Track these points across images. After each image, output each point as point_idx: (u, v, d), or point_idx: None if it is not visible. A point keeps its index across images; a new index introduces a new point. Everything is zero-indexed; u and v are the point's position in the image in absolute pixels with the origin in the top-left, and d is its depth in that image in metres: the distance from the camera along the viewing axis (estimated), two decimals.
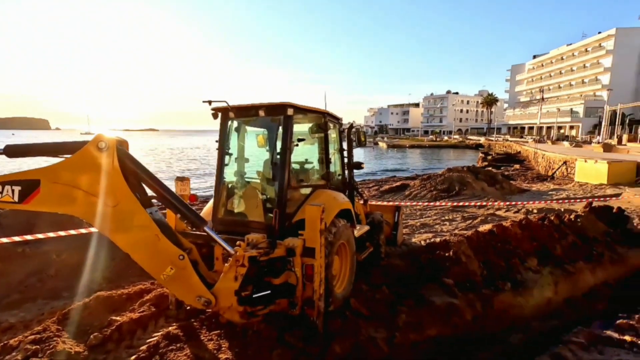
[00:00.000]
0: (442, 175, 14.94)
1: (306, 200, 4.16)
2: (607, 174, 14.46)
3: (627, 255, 6.67)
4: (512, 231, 6.25)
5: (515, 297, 5.01)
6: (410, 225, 9.29)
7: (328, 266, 3.83)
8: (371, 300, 4.56)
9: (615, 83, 57.51)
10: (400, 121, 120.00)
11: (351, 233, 4.57)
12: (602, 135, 39.60)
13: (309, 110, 4.34)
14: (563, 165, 19.46)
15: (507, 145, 45.16)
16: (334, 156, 5.06)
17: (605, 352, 3.55)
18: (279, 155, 4.03)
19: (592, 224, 7.21)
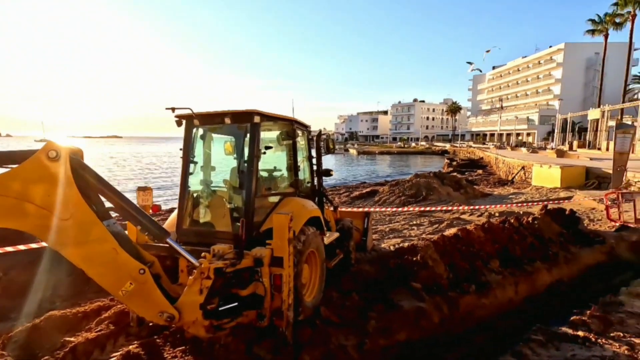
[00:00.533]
0: (410, 181, 15.33)
1: (274, 209, 4.11)
2: (560, 178, 15.45)
3: (579, 255, 7.12)
4: (475, 234, 6.49)
5: (479, 299, 5.19)
6: (380, 230, 9.43)
7: (297, 275, 3.79)
8: (341, 307, 4.56)
9: (565, 93, 61.98)
10: (370, 128, 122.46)
11: (321, 241, 4.56)
12: (555, 141, 42.36)
13: (276, 117, 4.32)
14: (521, 170, 20.59)
15: (471, 151, 47.23)
16: (303, 164, 5.06)
17: (561, 347, 3.75)
18: (246, 163, 3.97)
19: (547, 226, 7.65)
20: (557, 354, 3.64)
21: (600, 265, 7.20)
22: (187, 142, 4.23)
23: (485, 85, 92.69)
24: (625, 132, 12.83)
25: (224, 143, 4.79)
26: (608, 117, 33.80)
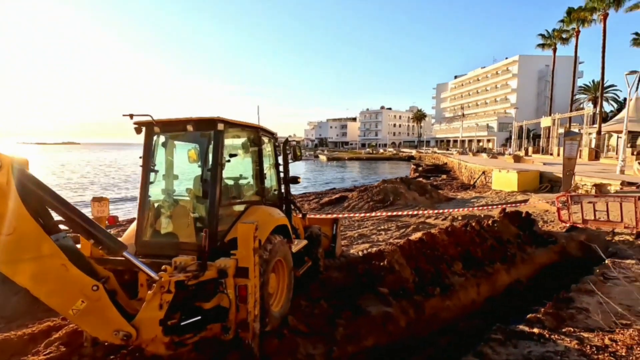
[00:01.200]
0: (378, 186, 15.63)
1: (240, 218, 4.03)
2: (517, 182, 16.37)
3: (534, 255, 7.54)
4: (439, 238, 6.71)
5: (443, 301, 5.35)
6: (349, 236, 9.51)
7: (264, 285, 3.73)
8: (310, 315, 4.53)
9: (521, 102, 66.00)
10: (339, 134, 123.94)
11: (288, 249, 4.52)
12: (513, 147, 44.93)
13: (241, 124, 4.26)
14: (482, 175, 21.61)
15: (436, 157, 48.99)
16: (269, 171, 5.01)
17: (519, 345, 3.92)
18: (210, 172, 3.87)
19: (506, 228, 8.06)
20: (515, 351, 3.80)
21: (553, 264, 7.66)
22: (147, 150, 4.07)
23: (448, 93, 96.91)
24: (573, 139, 13.84)
25: (188, 151, 4.66)
26: (558, 124, 36.36)
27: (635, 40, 45.42)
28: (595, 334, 3.95)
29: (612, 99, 55.94)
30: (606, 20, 34.48)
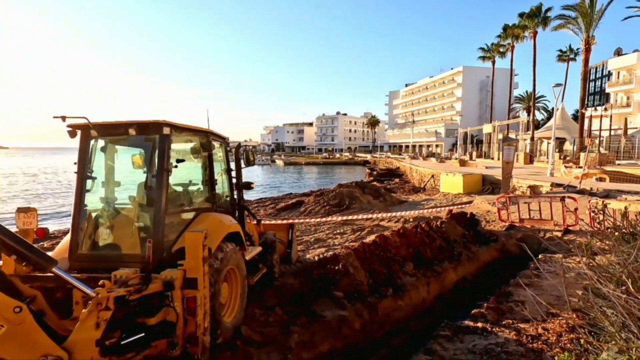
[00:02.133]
0: (334, 191, 15.81)
1: (189, 226, 3.85)
2: (462, 185, 17.44)
3: (478, 253, 8.04)
4: (392, 240, 6.91)
5: (396, 301, 5.50)
6: (305, 241, 9.49)
7: (215, 295, 3.58)
8: (264, 324, 4.43)
9: (465, 110, 70.76)
10: (296, 139, 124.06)
11: (241, 257, 4.39)
12: (458, 152, 47.89)
13: (189, 129, 4.08)
14: (431, 178, 22.74)
15: (389, 161, 50.73)
16: (221, 177, 4.86)
17: (465, 340, 4.14)
18: (155, 178, 3.65)
19: (452, 228, 8.51)
20: (461, 346, 4.00)
21: (495, 260, 8.23)
22: (83, 155, 3.76)
23: (399, 100, 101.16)
24: (510, 145, 15.05)
25: (132, 156, 4.37)
26: (498, 131, 39.37)
27: (559, 56, 50.71)
28: (530, 324, 4.28)
29: (542, 108, 61.88)
30: (536, 37, 38.14)
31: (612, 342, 1.44)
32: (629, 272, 1.53)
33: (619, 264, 1.68)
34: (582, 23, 29.05)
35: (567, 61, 48.58)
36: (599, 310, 1.61)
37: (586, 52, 29.38)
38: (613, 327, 1.45)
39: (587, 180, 15.22)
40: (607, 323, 1.50)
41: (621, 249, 1.73)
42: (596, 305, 1.62)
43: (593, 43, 29.22)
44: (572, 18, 29.84)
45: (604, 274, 1.71)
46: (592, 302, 1.64)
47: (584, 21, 28.91)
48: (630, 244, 1.68)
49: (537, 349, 3.83)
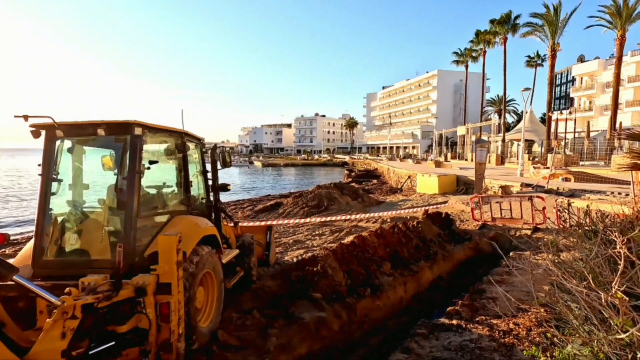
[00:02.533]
0: (312, 192, 15.82)
1: (163, 230, 3.74)
2: (438, 185, 17.86)
3: (453, 252, 8.25)
4: (370, 240, 6.98)
5: (374, 301, 5.55)
6: (284, 243, 9.44)
7: (190, 300, 3.49)
8: (241, 327, 4.37)
9: (440, 112, 72.68)
10: (275, 141, 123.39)
11: (217, 260, 4.31)
12: (434, 154, 49.08)
13: (162, 129, 3.97)
14: (408, 179, 23.17)
15: (367, 163, 51.28)
16: (196, 179, 4.75)
17: (440, 337, 4.22)
18: (127, 180, 3.52)
19: (428, 228, 8.70)
20: (437, 343, 4.08)
21: (469, 259, 8.46)
22: (48, 157, 3.58)
23: (377, 103, 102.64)
24: (482, 146, 15.55)
25: (102, 157, 4.20)
26: (471, 133, 40.61)
27: (528, 62, 52.97)
28: (502, 320, 4.42)
29: (513, 111, 64.33)
30: (506, 43, 39.69)
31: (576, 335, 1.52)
32: (590, 268, 1.61)
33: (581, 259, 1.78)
34: (548, 31, 30.49)
35: (535, 67, 50.84)
36: (564, 304, 1.68)
37: (552, 58, 30.85)
38: (577, 321, 1.53)
39: (554, 180, 15.95)
40: (572, 317, 1.58)
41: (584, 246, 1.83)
42: (561, 300, 1.70)
43: (558, 50, 30.71)
44: (539, 26, 31.25)
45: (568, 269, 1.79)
46: (558, 297, 1.72)
47: (549, 29, 30.34)
48: (592, 241, 1.78)
49: (509, 343, 3.97)
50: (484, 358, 3.75)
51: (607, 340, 1.33)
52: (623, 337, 1.25)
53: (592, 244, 1.76)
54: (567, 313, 1.65)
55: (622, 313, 1.32)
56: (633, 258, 1.44)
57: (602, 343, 1.34)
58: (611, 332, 1.32)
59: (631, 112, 36.74)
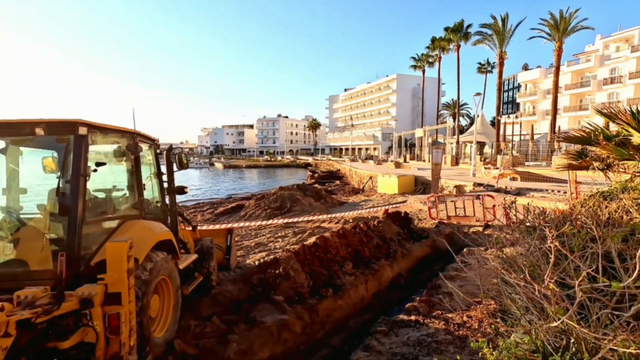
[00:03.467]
0: (275, 194, 15.68)
1: (112, 236, 3.51)
2: (397, 185, 18.44)
3: (412, 249, 8.54)
4: (332, 241, 7.04)
5: (336, 301, 5.60)
6: (246, 246, 9.26)
7: (143, 310, 3.31)
8: (200, 335, 4.22)
9: (399, 115, 75.21)
10: (236, 142, 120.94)
11: (174, 266, 4.13)
12: (394, 155, 50.63)
13: (111, 129, 3.74)
14: (369, 180, 23.69)
15: (330, 164, 51.77)
16: (150, 181, 4.53)
17: (400, 333, 4.36)
18: (70, 184, 3.27)
19: (388, 227, 8.94)
20: (396, 339, 4.20)
21: (427, 256, 8.80)
22: None
23: (339, 104, 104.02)
24: (438, 148, 16.29)
25: (43, 159, 3.87)
26: (428, 135, 42.37)
27: (479, 68, 56.25)
28: (457, 313, 4.65)
29: (466, 114, 68.03)
30: (459, 50, 41.91)
31: (519, 325, 1.63)
32: (530, 262, 1.75)
33: (522, 254, 1.92)
34: (496, 40, 32.64)
35: (485, 73, 54.14)
36: (508, 297, 1.80)
37: (500, 65, 33.05)
38: (519, 312, 1.64)
39: (503, 179, 17.06)
40: (514, 308, 1.70)
41: (524, 241, 1.98)
42: (505, 293, 1.82)
43: (505, 58, 32.97)
44: (488, 35, 33.37)
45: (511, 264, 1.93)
46: (502, 290, 1.84)
47: (497, 38, 32.49)
48: (532, 236, 1.93)
49: (463, 335, 4.17)
50: (440, 351, 3.91)
51: (543, 329, 1.44)
52: (555, 324, 1.36)
53: (531, 239, 1.91)
54: (510, 305, 1.77)
55: (554, 302, 1.44)
56: (564, 251, 1.58)
57: (539, 331, 1.45)
58: (546, 321, 1.44)
59: (568, 117, 40.22)
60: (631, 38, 37.12)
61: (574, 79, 41.96)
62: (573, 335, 1.40)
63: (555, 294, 1.43)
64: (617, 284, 1.40)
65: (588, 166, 5.09)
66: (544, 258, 1.73)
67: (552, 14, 29.07)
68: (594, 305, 1.48)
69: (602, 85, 38.53)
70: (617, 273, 1.61)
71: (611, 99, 36.94)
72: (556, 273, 1.58)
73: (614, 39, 39.22)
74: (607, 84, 38.11)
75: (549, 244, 1.53)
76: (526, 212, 2.31)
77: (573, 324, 1.31)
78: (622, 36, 38.37)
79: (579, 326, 1.31)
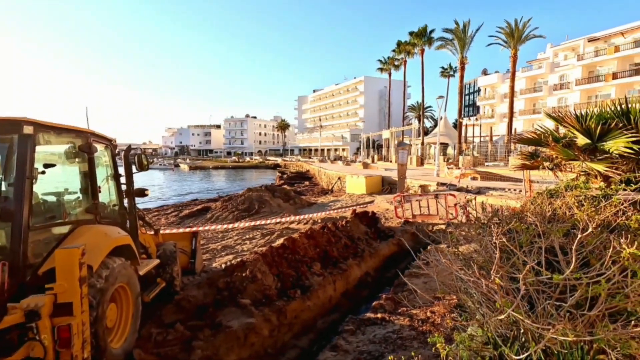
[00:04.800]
0: (242, 195, 15.41)
1: (63, 242, 3.29)
2: (365, 186, 18.74)
3: (379, 248, 8.71)
4: (300, 242, 7.02)
5: (304, 302, 5.59)
6: (212, 249, 9.02)
7: (98, 320, 3.13)
8: (162, 343, 4.06)
9: (367, 116, 76.55)
10: (203, 142, 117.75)
11: (133, 272, 3.95)
12: (362, 156, 51.45)
13: (61, 128, 3.51)
14: (338, 180, 23.90)
15: (299, 165, 51.69)
16: (107, 184, 4.30)
17: (366, 331, 4.42)
18: (13, 187, 3.03)
19: (356, 227, 9.06)
20: (363, 337, 4.26)
21: (393, 254, 9.01)
22: None
23: (308, 105, 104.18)
24: (404, 148, 16.73)
25: None
26: (394, 136, 43.44)
27: (442, 72, 58.45)
28: (421, 309, 4.79)
29: (430, 117, 70.40)
30: (423, 54, 43.32)
31: (474, 318, 1.71)
32: (484, 258, 1.84)
33: (476, 250, 2.02)
34: (458, 45, 34.09)
35: (448, 77, 56.36)
36: (465, 292, 1.88)
37: (461, 70, 34.56)
38: (474, 306, 1.72)
39: (465, 179, 17.82)
40: (470, 302, 1.78)
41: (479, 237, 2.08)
42: (462, 288, 1.90)
43: (466, 63, 34.52)
44: (450, 40, 34.78)
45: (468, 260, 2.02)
46: (458, 286, 1.92)
47: (459, 44, 33.96)
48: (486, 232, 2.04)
49: (426, 330, 4.31)
50: (405, 347, 4.02)
51: (493, 321, 1.52)
52: (503, 317, 1.45)
53: (485, 235, 2.01)
54: (466, 300, 1.85)
55: (500, 296, 1.52)
56: (511, 247, 1.68)
57: (490, 324, 1.53)
58: (495, 314, 1.52)
59: (523, 119, 42.81)
60: (577, 47, 40.16)
61: (528, 84, 44.73)
62: (522, 326, 1.49)
63: (501, 288, 1.52)
64: (558, 276, 1.51)
65: (539, 166, 5.43)
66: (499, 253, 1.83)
67: (508, 23, 30.82)
68: (540, 296, 1.59)
69: (552, 90, 41.36)
70: (560, 266, 1.73)
71: (560, 103, 39.77)
72: (506, 268, 1.68)
73: (563, 47, 42.25)
74: (557, 89, 40.95)
75: (494, 240, 1.61)
76: (482, 210, 2.42)
77: (518, 315, 1.40)
78: (569, 45, 41.43)
79: (525, 317, 1.40)
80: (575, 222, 2.01)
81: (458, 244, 2.25)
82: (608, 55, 35.67)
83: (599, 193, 2.81)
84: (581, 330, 1.40)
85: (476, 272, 1.57)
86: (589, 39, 38.90)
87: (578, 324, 1.43)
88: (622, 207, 2.27)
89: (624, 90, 32.92)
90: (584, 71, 38.13)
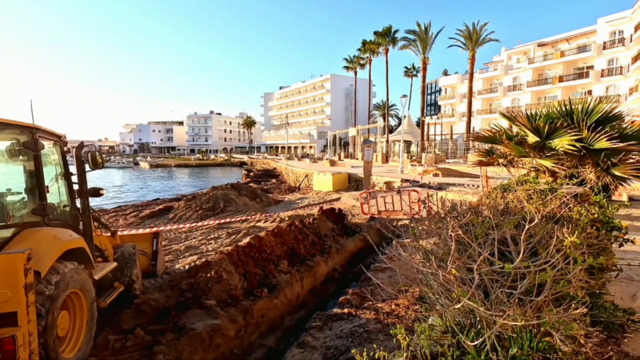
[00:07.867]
0: (207, 194, 15.01)
1: (5, 247, 3.03)
2: (332, 183, 18.89)
3: (345, 244, 8.82)
4: (267, 240, 6.96)
5: (271, 301, 5.55)
6: (175, 250, 8.71)
7: (47, 329, 2.92)
8: (120, 350, 3.87)
9: (334, 114, 77.12)
10: (164, 139, 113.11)
11: (87, 276, 3.72)
12: (329, 153, 51.78)
13: (3, 123, 3.22)
14: (305, 178, 23.92)
15: (266, 162, 51.09)
16: (56, 183, 4.01)
17: (333, 326, 4.47)
18: None
19: (323, 224, 9.12)
20: (330, 333, 4.31)
21: (359, 250, 9.17)
22: None
23: (274, 102, 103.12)
24: (369, 146, 17.06)
25: None
26: (360, 134, 44.10)
27: (405, 72, 60.05)
28: (386, 303, 4.92)
29: (395, 115, 72.23)
30: (387, 54, 44.24)
31: (434, 309, 1.79)
32: (444, 250, 1.93)
33: (436, 243, 2.11)
34: (420, 46, 35.16)
35: (411, 77, 57.94)
36: (426, 284, 1.96)
37: (424, 70, 35.68)
38: (434, 297, 1.80)
39: (427, 175, 18.48)
40: (431, 294, 1.85)
41: (438, 231, 2.18)
42: (423, 280, 1.98)
43: (428, 63, 35.68)
44: (413, 41, 35.78)
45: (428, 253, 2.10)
46: (420, 278, 1.99)
47: (421, 44, 35.03)
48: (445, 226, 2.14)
49: (391, 323, 4.43)
50: (371, 340, 4.11)
51: (451, 310, 1.60)
52: (459, 306, 1.53)
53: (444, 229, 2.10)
54: (427, 291, 1.92)
55: (456, 286, 1.60)
56: (467, 239, 1.78)
57: (448, 313, 1.61)
58: (452, 303, 1.60)
59: (481, 119, 45.09)
60: (528, 51, 42.85)
61: (485, 85, 47.11)
62: (477, 314, 1.57)
63: (458, 279, 1.60)
64: (509, 266, 1.61)
65: (494, 162, 5.75)
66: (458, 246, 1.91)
67: (466, 26, 32.23)
68: (494, 285, 1.69)
69: (507, 91, 43.87)
70: (511, 256, 1.85)
71: (514, 103, 42.29)
72: (463, 259, 1.76)
73: (515, 51, 44.88)
74: (510, 90, 43.49)
75: (450, 232, 1.69)
76: (442, 205, 2.53)
77: (473, 304, 1.48)
78: (521, 49, 44.10)
79: (480, 305, 1.49)
80: (525, 214, 2.15)
81: (419, 238, 2.33)
82: (555, 60, 38.41)
83: (547, 187, 3.03)
84: (530, 315, 1.51)
85: (434, 265, 1.63)
86: (538, 43, 41.66)
87: (527, 309, 1.54)
88: (565, 199, 2.47)
89: (569, 92, 35.65)
90: (534, 74, 40.78)
